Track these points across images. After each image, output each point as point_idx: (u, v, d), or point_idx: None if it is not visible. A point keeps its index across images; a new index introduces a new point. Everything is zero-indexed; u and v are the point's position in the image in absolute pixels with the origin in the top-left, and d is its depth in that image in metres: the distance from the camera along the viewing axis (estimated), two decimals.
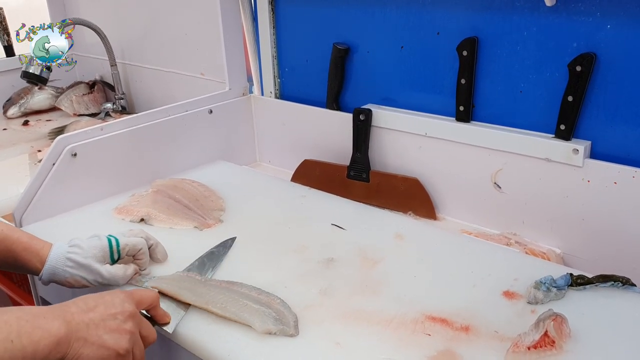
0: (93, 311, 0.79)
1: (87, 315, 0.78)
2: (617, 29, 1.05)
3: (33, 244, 0.97)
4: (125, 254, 1.01)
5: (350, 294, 0.98)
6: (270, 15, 1.57)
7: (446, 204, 1.35)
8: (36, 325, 0.72)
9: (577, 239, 1.16)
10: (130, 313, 0.81)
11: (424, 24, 1.29)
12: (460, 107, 1.27)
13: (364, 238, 1.16)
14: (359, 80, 1.46)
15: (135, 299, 0.85)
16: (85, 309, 0.78)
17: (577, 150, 1.12)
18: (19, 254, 0.96)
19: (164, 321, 0.90)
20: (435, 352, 0.83)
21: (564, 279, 0.97)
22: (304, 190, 1.39)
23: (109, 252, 0.99)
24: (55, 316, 0.75)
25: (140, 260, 1.03)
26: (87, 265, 0.96)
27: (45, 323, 0.73)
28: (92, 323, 0.77)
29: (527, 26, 1.15)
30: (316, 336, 0.88)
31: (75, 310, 0.78)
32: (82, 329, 0.76)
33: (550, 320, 0.84)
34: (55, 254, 0.96)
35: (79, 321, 0.76)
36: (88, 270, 0.96)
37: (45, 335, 0.72)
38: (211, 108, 1.56)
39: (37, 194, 1.26)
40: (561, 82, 1.12)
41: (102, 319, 0.78)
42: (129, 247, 1.01)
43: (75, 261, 0.96)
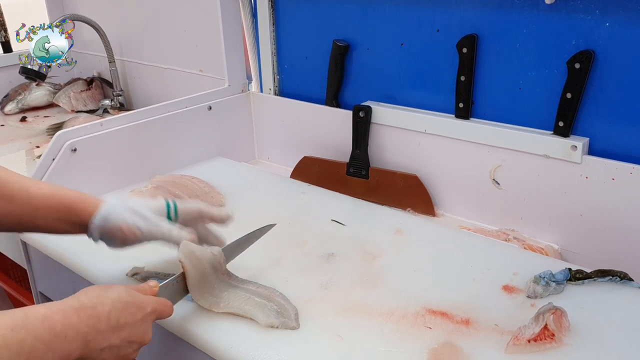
0: (117, 333, 0.75)
1: (108, 338, 0.74)
2: (615, 26, 1.06)
3: (85, 196, 0.93)
4: (182, 218, 0.98)
5: (350, 288, 0.99)
6: (270, 11, 1.57)
7: (445, 200, 1.36)
8: (51, 348, 0.68)
9: (575, 234, 1.17)
10: (144, 343, 0.80)
11: (423, 21, 1.30)
12: (460, 104, 1.27)
13: (363, 233, 1.16)
14: (358, 77, 1.47)
15: (156, 315, 0.82)
16: (114, 327, 0.75)
17: (576, 146, 1.13)
18: (73, 204, 0.91)
19: None
20: (436, 344, 0.84)
21: (562, 273, 0.98)
22: (303, 186, 1.40)
23: (167, 211, 0.97)
24: (80, 336, 0.71)
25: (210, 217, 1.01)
26: (144, 214, 0.93)
27: (63, 345, 0.69)
28: (108, 346, 0.74)
29: (526, 24, 1.16)
30: (318, 329, 0.89)
31: (103, 328, 0.74)
32: (96, 349, 0.73)
33: (550, 314, 0.85)
34: (112, 202, 0.93)
35: (99, 343, 0.73)
36: (144, 218, 0.93)
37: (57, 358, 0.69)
38: (210, 104, 1.56)
39: None
40: (560, 79, 1.13)
41: (119, 346, 0.76)
42: (186, 211, 0.98)
43: (133, 208, 0.93)
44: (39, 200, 0.89)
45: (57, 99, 2.08)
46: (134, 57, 2.01)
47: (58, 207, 0.90)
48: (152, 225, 0.93)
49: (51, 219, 0.90)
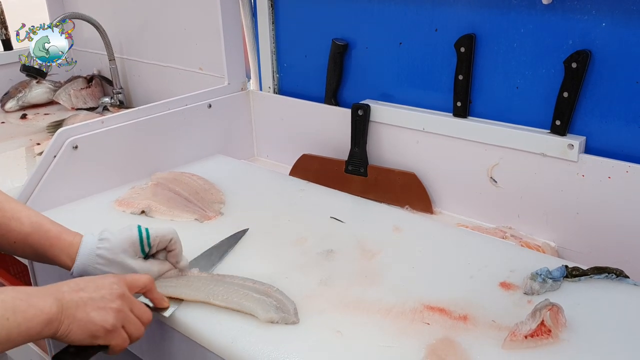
0: (83, 290, 0.82)
1: (77, 294, 0.81)
2: (611, 27, 1.07)
3: (62, 239, 0.95)
4: (157, 245, 0.97)
5: (349, 284, 1.00)
6: (269, 10, 1.58)
7: (443, 198, 1.37)
8: (30, 303, 0.76)
9: (571, 232, 1.18)
10: (118, 293, 0.84)
11: (422, 20, 1.31)
12: (458, 102, 1.29)
13: (362, 230, 1.17)
14: (357, 76, 1.48)
15: (127, 281, 0.88)
16: (76, 289, 0.82)
17: (572, 145, 1.14)
18: (48, 250, 0.94)
19: (161, 305, 0.92)
20: (434, 340, 0.85)
21: (559, 270, 0.99)
22: (302, 184, 1.41)
23: (139, 243, 0.96)
24: (48, 295, 0.79)
25: (173, 250, 0.99)
26: (118, 262, 0.94)
27: (39, 301, 0.77)
28: (81, 301, 0.81)
29: (524, 23, 1.17)
30: (317, 325, 0.90)
31: (66, 290, 0.81)
32: (71, 306, 0.80)
33: (547, 310, 0.86)
34: (84, 250, 0.94)
35: (69, 299, 0.80)
36: (120, 267, 0.94)
37: (38, 313, 0.76)
38: (210, 102, 1.57)
39: (38, 186, 1.27)
40: (557, 79, 1.14)
41: (91, 298, 0.82)
42: (159, 237, 0.97)
43: (105, 258, 0.94)
44: (17, 236, 0.95)
45: (57, 97, 2.08)
46: (133, 55, 2.02)
47: (36, 250, 0.95)
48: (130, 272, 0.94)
49: (30, 255, 0.97)
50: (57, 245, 0.95)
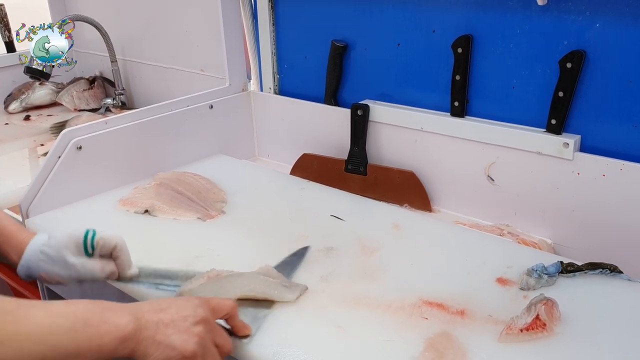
0: (164, 312, 0.77)
1: (157, 315, 0.76)
2: (605, 27, 1.09)
3: (15, 236, 0.95)
4: (100, 248, 0.96)
5: (350, 281, 1.02)
6: (269, 12, 1.61)
7: (441, 196, 1.39)
8: (104, 318, 0.71)
9: (567, 229, 1.21)
10: (202, 318, 0.79)
11: (420, 22, 1.33)
12: (455, 102, 1.31)
13: (362, 228, 1.20)
14: (356, 77, 1.50)
15: (211, 306, 0.82)
16: (157, 309, 0.77)
17: (568, 144, 1.16)
18: (1, 246, 0.94)
19: (242, 333, 0.87)
20: (432, 334, 0.87)
21: (554, 266, 1.01)
22: (303, 183, 1.43)
23: (83, 243, 0.94)
24: (125, 311, 0.73)
25: (118, 258, 0.97)
26: (59, 259, 0.93)
27: (114, 316, 0.72)
28: (162, 323, 0.75)
29: (519, 24, 1.19)
30: (318, 320, 0.92)
31: (147, 309, 0.76)
32: (151, 327, 0.74)
33: (542, 304, 0.88)
34: (31, 247, 0.93)
35: (148, 319, 0.75)
36: (61, 265, 0.93)
37: (112, 329, 0.71)
38: (212, 103, 1.59)
39: (43, 186, 1.29)
40: (552, 79, 1.17)
41: (172, 320, 0.76)
42: (103, 241, 0.95)
43: (48, 254, 0.93)
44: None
45: (60, 98, 2.10)
46: (135, 56, 2.04)
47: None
48: (71, 270, 0.94)
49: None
50: (9, 242, 0.95)
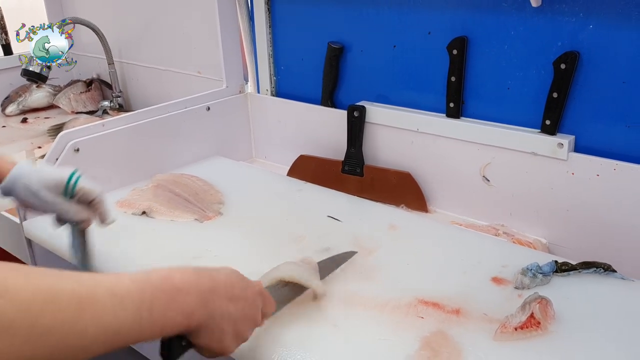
0: (234, 303, 0.73)
1: (227, 306, 0.72)
2: (599, 28, 1.10)
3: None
4: (80, 195, 0.97)
5: (346, 281, 1.03)
6: (266, 14, 1.61)
7: (437, 196, 1.40)
8: (173, 300, 0.65)
9: (562, 229, 1.22)
10: (257, 323, 0.80)
11: (415, 23, 1.34)
12: (451, 103, 1.32)
13: (358, 229, 1.20)
14: (353, 78, 1.51)
15: (264, 302, 0.81)
16: (230, 297, 0.73)
17: (562, 144, 1.17)
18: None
19: None
20: (428, 333, 0.88)
21: (549, 265, 1.02)
22: (300, 184, 1.44)
23: (65, 186, 0.97)
24: (200, 297, 0.68)
25: (98, 209, 1.00)
26: (37, 194, 0.95)
27: (182, 302, 0.66)
28: (227, 314, 0.72)
29: (514, 26, 1.20)
30: (315, 319, 0.92)
31: (221, 294, 0.72)
32: (216, 316, 0.71)
33: (536, 303, 0.89)
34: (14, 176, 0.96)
35: (217, 308, 0.71)
36: (40, 200, 0.95)
37: (178, 318, 0.66)
38: (209, 105, 1.60)
39: None
40: (546, 79, 1.18)
41: (236, 317, 0.74)
42: (84, 190, 0.97)
43: (30, 189, 0.95)
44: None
45: (57, 101, 2.11)
46: (132, 59, 2.05)
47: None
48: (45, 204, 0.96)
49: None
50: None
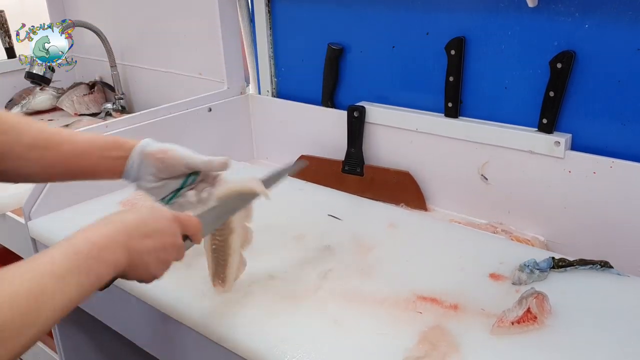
0: (151, 238, 0.80)
1: (144, 243, 0.79)
2: (594, 28, 1.12)
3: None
4: None
5: (346, 278, 1.04)
6: (266, 16, 1.63)
7: (436, 195, 1.41)
8: (102, 259, 0.73)
9: (559, 226, 1.23)
10: (179, 246, 0.84)
11: (414, 24, 1.36)
12: (449, 103, 1.33)
13: (358, 227, 1.22)
14: (352, 79, 1.52)
15: (182, 222, 0.85)
16: (144, 234, 0.79)
17: (559, 142, 1.19)
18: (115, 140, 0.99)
19: None
20: (426, 327, 0.90)
21: (546, 261, 1.03)
22: (301, 184, 1.45)
23: None
24: (119, 245, 0.76)
25: None
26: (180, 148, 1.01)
27: (111, 255, 0.74)
28: (146, 251, 0.79)
29: (510, 26, 1.22)
30: (315, 316, 0.94)
31: (135, 235, 0.78)
32: (137, 256, 0.78)
33: (533, 298, 0.91)
34: None
35: (137, 248, 0.78)
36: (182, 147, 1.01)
37: (111, 269, 0.74)
38: (210, 106, 1.62)
39: (45, 188, 1.31)
40: (543, 79, 1.19)
41: (156, 249, 0.80)
42: None
43: None
44: (84, 144, 0.96)
45: (60, 103, 2.13)
46: (134, 61, 2.07)
47: (101, 145, 0.97)
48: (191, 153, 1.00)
49: (96, 157, 0.97)
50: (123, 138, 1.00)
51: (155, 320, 1.06)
